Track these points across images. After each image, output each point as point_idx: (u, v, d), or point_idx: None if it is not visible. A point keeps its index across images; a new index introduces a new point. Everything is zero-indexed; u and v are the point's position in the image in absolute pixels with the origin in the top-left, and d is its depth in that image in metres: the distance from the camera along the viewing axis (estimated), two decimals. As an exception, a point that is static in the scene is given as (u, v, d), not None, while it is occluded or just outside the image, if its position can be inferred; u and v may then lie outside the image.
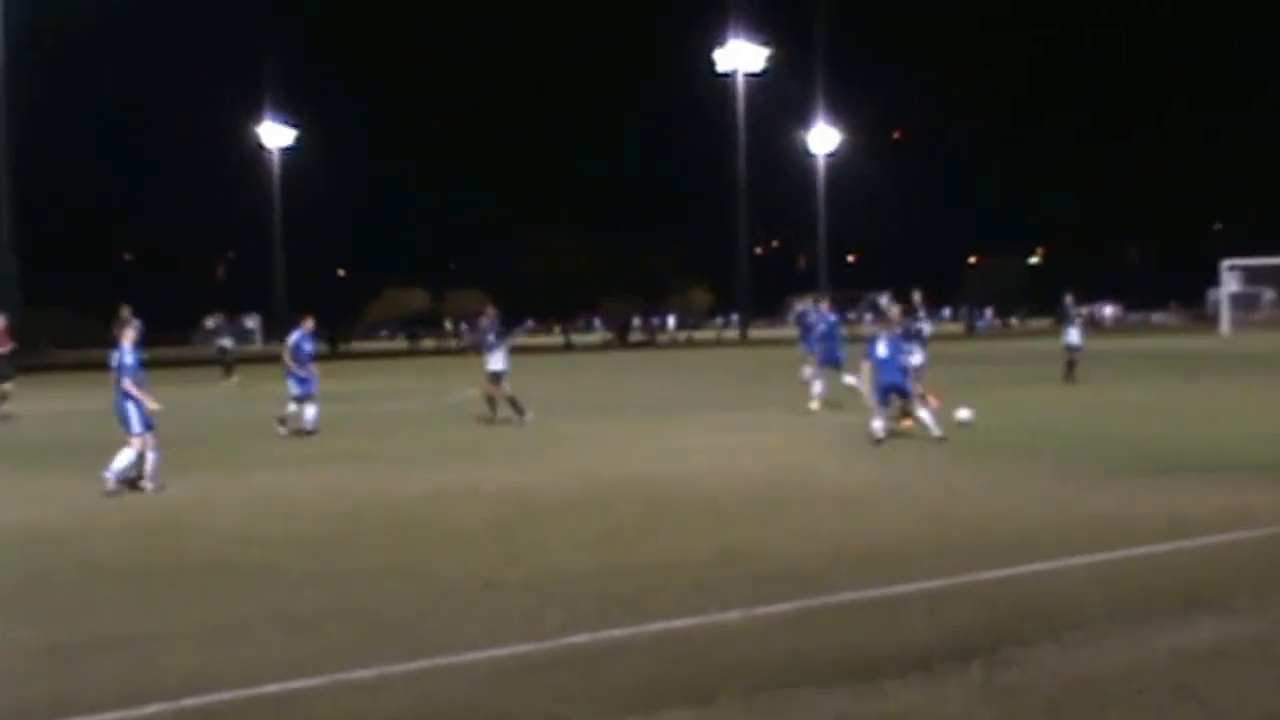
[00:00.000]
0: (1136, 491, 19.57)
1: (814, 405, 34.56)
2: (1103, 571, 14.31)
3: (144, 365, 22.29)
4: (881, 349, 26.93)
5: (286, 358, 30.51)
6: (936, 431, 26.28)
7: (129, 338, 21.90)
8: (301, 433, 29.92)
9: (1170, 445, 25.39)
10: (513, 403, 32.42)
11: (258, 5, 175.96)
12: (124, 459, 21.73)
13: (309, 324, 30.43)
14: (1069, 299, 44.90)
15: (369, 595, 13.79)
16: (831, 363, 35.77)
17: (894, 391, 27.03)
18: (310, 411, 30.29)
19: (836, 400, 33.97)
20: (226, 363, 59.74)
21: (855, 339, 38.91)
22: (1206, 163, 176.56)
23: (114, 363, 21.87)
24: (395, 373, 67.01)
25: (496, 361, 32.74)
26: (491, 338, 32.74)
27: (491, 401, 32.98)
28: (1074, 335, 43.39)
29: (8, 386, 31.82)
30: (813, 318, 39.30)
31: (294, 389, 30.20)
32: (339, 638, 12.00)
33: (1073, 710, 9.47)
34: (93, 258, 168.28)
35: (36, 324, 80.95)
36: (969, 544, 15.88)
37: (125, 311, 34.63)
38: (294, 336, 30.44)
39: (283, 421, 30.33)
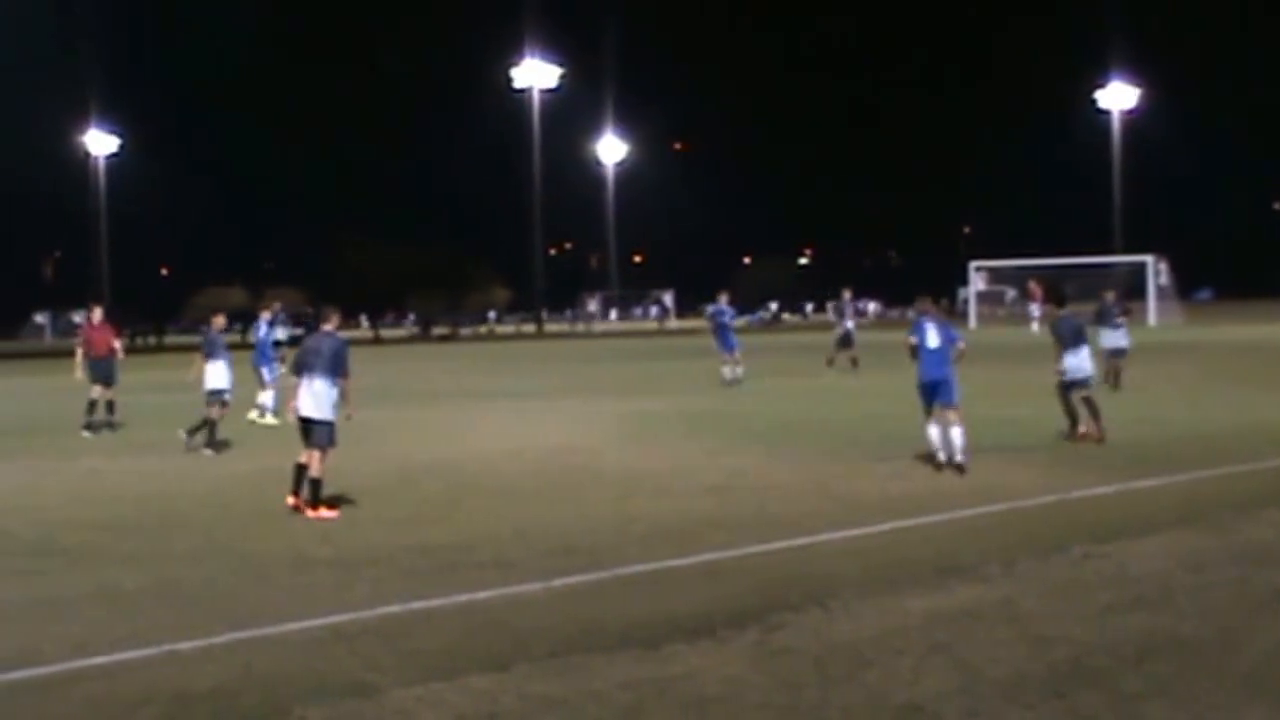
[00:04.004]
0: (894, 471, 19.84)
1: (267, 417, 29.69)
2: (863, 543, 14.52)
3: None
4: (932, 338, 20.05)
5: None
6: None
7: None
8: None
9: (913, 429, 25.75)
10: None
11: (83, 20, 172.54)
12: None
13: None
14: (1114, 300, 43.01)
15: (188, 573, 13.56)
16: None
17: (936, 393, 19.93)
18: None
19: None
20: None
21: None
22: (958, 172, 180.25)
23: None
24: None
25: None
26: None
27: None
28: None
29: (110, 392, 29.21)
30: (727, 317, 39.24)
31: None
32: (160, 613, 11.80)
33: (839, 669, 9.57)
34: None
35: None
36: (742, 520, 16.00)
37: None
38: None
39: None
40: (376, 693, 9.28)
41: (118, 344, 29.92)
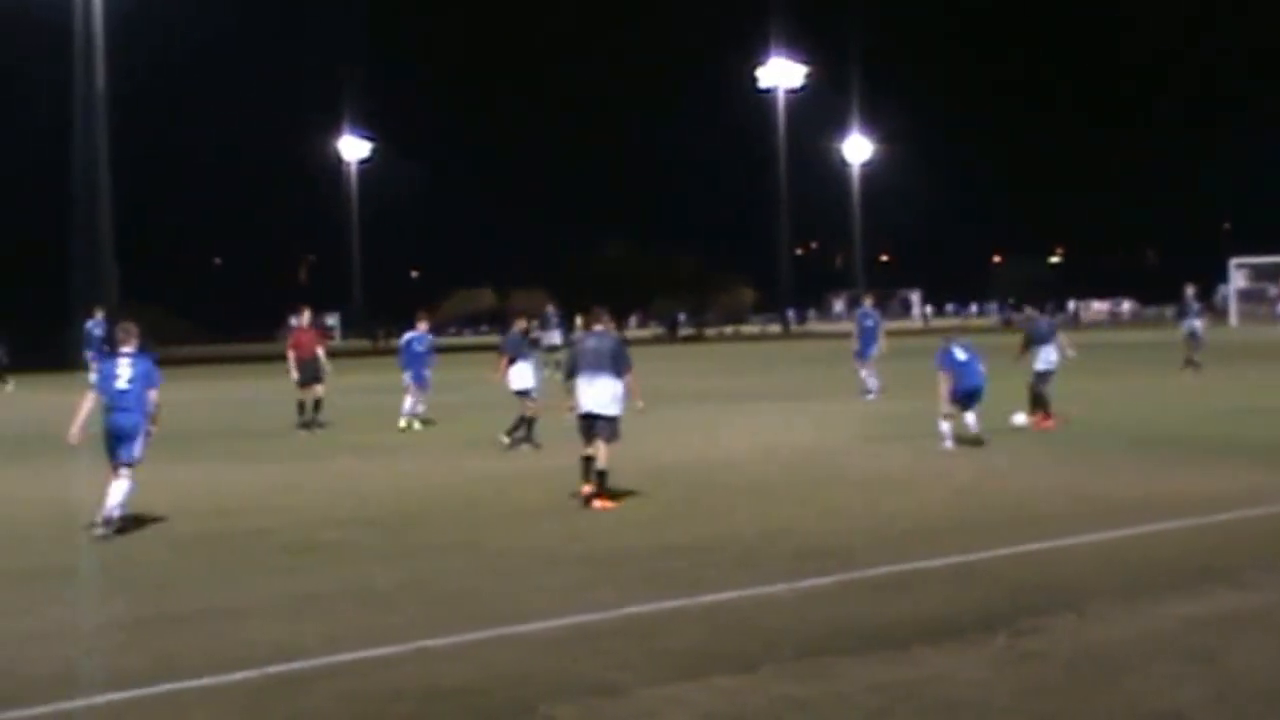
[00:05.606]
0: (1147, 472, 19.45)
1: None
2: (1117, 546, 14.24)
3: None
4: (961, 353, 23.35)
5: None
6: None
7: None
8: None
9: (1176, 428, 25.23)
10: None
11: (339, 28, 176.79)
12: None
13: None
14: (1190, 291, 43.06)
15: (438, 570, 13.80)
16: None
17: (974, 396, 23.24)
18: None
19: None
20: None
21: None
22: (1218, 165, 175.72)
23: None
24: (463, 366, 67.07)
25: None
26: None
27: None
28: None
29: (319, 389, 30.51)
30: (870, 321, 35.77)
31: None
32: (411, 610, 12.02)
33: (1091, 675, 9.41)
34: (187, 262, 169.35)
35: (137, 324, 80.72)
36: (991, 521, 15.83)
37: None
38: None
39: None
40: (623, 692, 9.34)
41: (320, 348, 31.15)
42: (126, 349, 16.95)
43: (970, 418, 23.23)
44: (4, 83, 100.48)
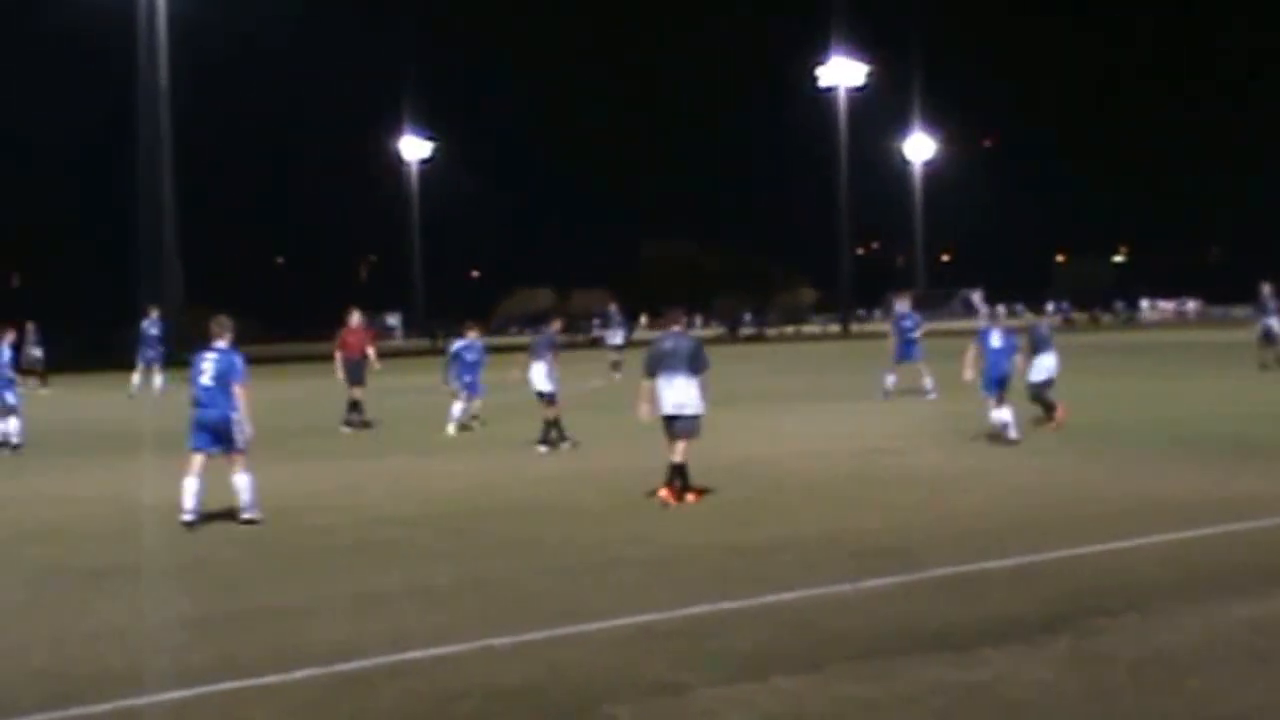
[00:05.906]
0: (1207, 473, 19.31)
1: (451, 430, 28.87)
2: (1182, 548, 14.15)
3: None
4: (995, 340, 24.07)
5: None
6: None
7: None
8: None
9: (1235, 429, 25.03)
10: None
11: (401, 27, 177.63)
12: None
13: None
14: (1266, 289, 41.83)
15: (500, 570, 13.85)
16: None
17: (1001, 384, 23.77)
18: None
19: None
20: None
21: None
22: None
23: None
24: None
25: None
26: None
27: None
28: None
29: (358, 391, 30.94)
30: (910, 323, 35.87)
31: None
32: (473, 609, 12.07)
33: (1156, 677, 9.36)
34: (248, 262, 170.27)
35: (202, 325, 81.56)
36: (1051, 521, 15.77)
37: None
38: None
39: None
40: (684, 692, 9.36)
41: (371, 348, 31.88)
42: (220, 343, 17.17)
43: (998, 416, 23.77)
44: (71, 82, 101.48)
